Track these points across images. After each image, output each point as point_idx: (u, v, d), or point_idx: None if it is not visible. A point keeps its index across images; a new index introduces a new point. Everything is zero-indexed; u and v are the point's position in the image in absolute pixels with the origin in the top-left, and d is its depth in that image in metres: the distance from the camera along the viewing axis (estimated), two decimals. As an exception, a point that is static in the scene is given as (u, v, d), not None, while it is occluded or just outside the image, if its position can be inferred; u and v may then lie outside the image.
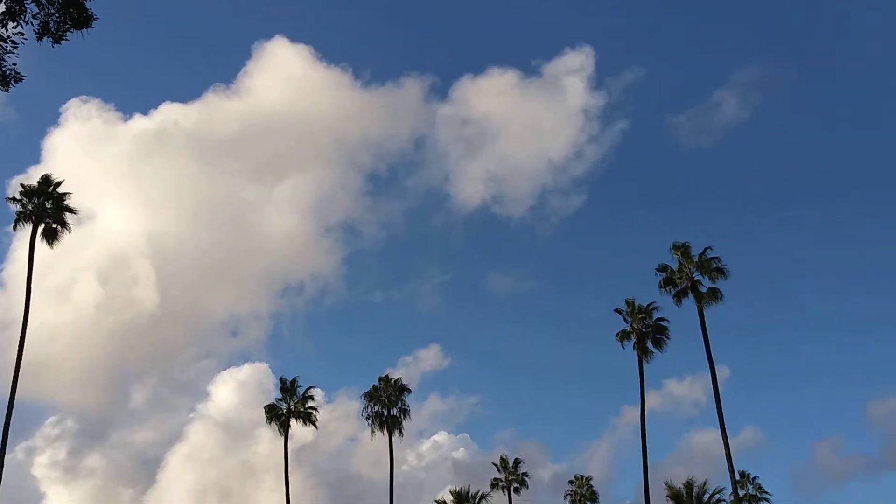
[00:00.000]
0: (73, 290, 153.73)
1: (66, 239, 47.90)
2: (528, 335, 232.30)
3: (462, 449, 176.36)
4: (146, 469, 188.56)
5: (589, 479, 74.95)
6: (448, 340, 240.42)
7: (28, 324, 43.98)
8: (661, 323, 53.28)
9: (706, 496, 48.51)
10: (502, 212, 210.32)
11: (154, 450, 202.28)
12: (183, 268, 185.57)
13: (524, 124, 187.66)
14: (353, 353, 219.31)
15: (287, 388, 57.21)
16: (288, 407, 56.53)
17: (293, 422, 56.47)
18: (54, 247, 47.59)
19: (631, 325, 53.25)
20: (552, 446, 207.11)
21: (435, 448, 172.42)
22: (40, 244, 46.61)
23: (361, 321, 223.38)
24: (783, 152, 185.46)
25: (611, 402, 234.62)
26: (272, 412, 56.23)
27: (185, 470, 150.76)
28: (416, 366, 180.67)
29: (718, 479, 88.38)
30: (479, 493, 57.02)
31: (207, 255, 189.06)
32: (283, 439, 56.32)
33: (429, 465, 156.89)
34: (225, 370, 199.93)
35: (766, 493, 73.71)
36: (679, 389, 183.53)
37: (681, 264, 51.91)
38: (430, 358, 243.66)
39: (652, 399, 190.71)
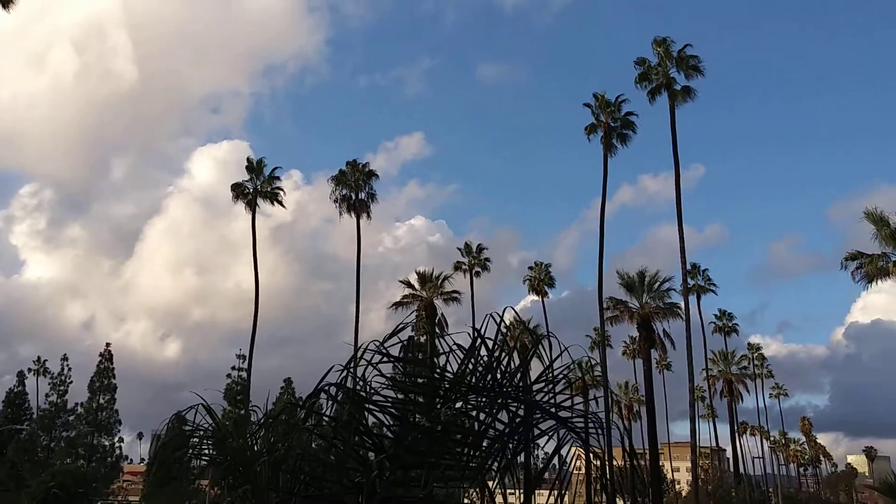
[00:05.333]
0: (49, 58, 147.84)
1: (34, 2, 45.62)
2: (513, 126, 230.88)
3: (438, 234, 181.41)
4: (125, 241, 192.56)
5: (548, 265, 78.23)
6: (431, 128, 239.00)
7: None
8: (630, 118, 53.06)
9: (657, 284, 51.04)
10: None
11: (133, 223, 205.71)
12: (161, 41, 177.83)
13: None
14: (334, 137, 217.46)
15: (253, 167, 56.66)
16: (255, 187, 56.24)
17: (262, 202, 56.46)
18: (10, 10, 45.15)
19: (598, 119, 52.95)
20: (525, 234, 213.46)
21: (411, 232, 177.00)
22: (-7, 7, 44.16)
23: (344, 105, 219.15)
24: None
25: (583, 196, 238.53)
26: (238, 190, 56.20)
27: (163, 243, 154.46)
28: (398, 152, 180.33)
29: (675, 271, 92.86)
30: (442, 275, 59.42)
31: (186, 27, 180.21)
32: (257, 217, 56.23)
33: (404, 247, 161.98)
34: (203, 146, 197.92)
35: (714, 284, 78.75)
36: (653, 185, 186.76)
37: (660, 59, 51.13)
38: (412, 146, 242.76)
39: (625, 194, 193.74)
